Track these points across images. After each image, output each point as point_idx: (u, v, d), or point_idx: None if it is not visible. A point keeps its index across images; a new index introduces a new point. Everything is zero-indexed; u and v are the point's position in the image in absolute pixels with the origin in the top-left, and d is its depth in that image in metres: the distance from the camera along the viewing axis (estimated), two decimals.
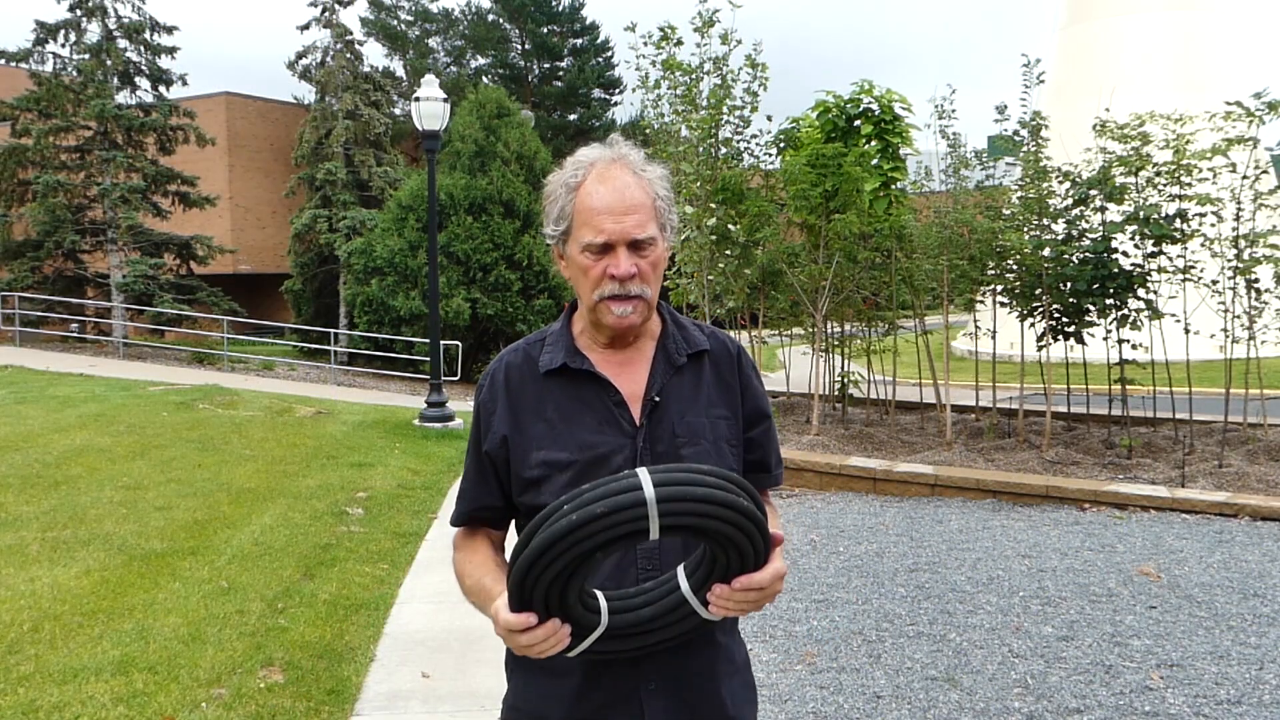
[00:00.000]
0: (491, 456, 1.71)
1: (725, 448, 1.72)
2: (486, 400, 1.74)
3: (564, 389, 1.69)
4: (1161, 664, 4.38)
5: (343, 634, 4.80)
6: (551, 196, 1.68)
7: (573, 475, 1.65)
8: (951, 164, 9.61)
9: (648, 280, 1.64)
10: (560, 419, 1.68)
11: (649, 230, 1.62)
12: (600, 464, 1.65)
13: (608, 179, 1.62)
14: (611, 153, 1.66)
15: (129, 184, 22.40)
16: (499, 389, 1.73)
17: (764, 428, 1.79)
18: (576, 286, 1.69)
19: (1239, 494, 7.25)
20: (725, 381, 1.76)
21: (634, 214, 1.61)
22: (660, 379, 1.70)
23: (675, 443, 1.68)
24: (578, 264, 1.65)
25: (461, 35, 43.41)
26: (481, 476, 1.75)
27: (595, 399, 1.68)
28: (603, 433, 1.66)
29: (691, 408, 1.71)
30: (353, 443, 10.48)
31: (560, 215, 1.66)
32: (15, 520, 6.74)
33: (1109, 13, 21.77)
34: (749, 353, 1.83)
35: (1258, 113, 8.09)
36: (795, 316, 10.90)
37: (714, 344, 1.77)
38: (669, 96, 10.27)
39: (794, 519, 7.32)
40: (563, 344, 1.72)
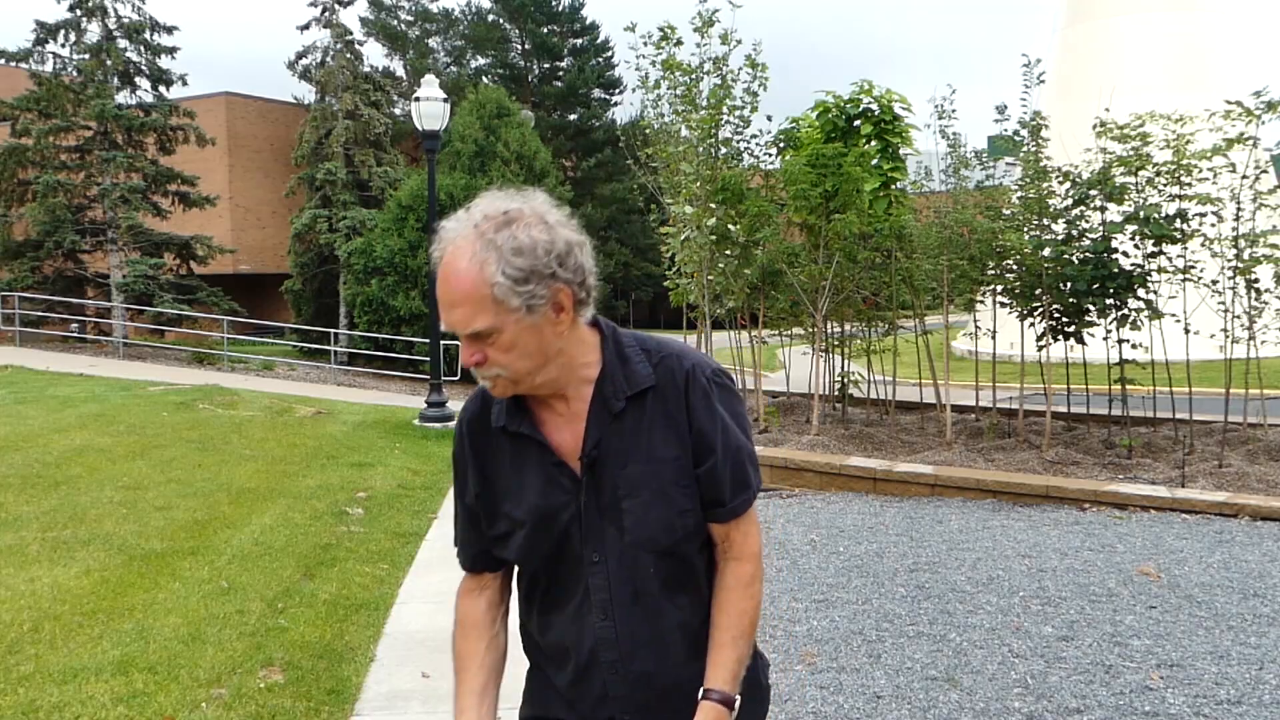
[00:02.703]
0: (474, 509, 1.74)
1: (674, 491, 1.63)
2: (458, 454, 1.75)
3: (512, 445, 1.69)
4: (1161, 664, 4.38)
5: (343, 634, 4.80)
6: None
7: (525, 534, 1.67)
8: (951, 164, 9.61)
9: (499, 362, 1.56)
10: (514, 474, 1.69)
11: (477, 324, 1.51)
12: (547, 523, 1.66)
13: (443, 268, 1.52)
14: (457, 231, 1.53)
15: (129, 184, 22.42)
16: (465, 444, 1.73)
17: (710, 464, 1.65)
18: None
19: (1239, 494, 7.25)
20: (672, 417, 1.64)
21: (459, 308, 1.52)
22: (597, 431, 1.63)
23: (616, 495, 1.63)
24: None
25: (461, 35, 43.43)
26: (472, 524, 1.76)
27: (536, 459, 1.67)
28: (547, 493, 1.66)
29: (633, 456, 1.62)
30: (353, 443, 10.48)
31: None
32: (15, 520, 6.74)
33: (1109, 13, 21.78)
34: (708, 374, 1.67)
35: (1257, 112, 8.09)
36: (795, 316, 10.90)
37: (661, 376, 1.64)
38: (669, 96, 10.28)
39: (794, 519, 7.32)
40: (508, 402, 1.68)
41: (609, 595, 1.65)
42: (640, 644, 1.68)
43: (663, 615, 1.68)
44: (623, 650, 1.67)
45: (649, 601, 1.67)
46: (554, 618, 1.73)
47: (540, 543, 1.67)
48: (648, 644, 1.68)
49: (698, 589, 1.71)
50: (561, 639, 1.72)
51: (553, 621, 1.73)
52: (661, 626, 1.68)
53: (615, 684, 1.68)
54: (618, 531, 1.64)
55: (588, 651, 1.69)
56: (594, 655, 1.68)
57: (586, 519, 1.64)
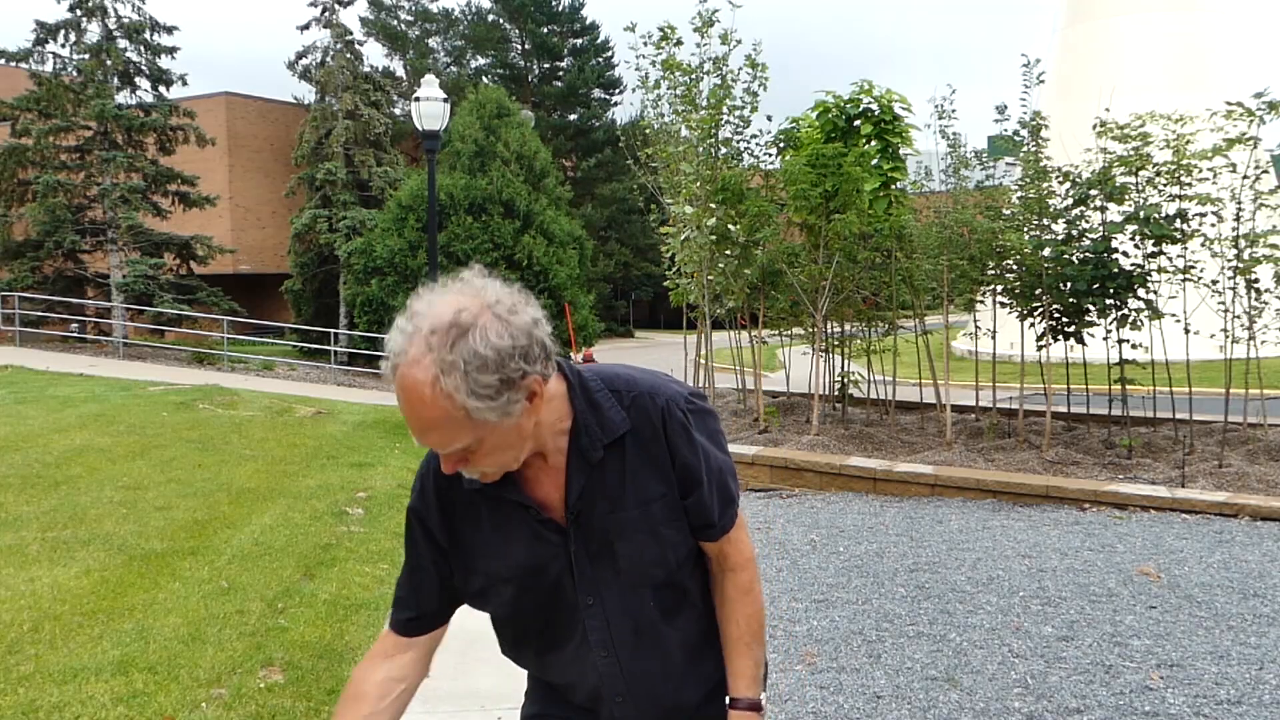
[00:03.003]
0: (430, 570, 1.68)
1: (664, 529, 1.63)
2: (419, 508, 1.67)
3: (488, 503, 1.63)
4: (1161, 664, 4.38)
5: (343, 634, 4.80)
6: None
7: (514, 589, 1.64)
8: (951, 164, 9.61)
9: (485, 464, 1.50)
10: (493, 530, 1.63)
11: (458, 444, 1.44)
12: (538, 575, 1.63)
13: (404, 392, 1.39)
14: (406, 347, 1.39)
15: (129, 184, 22.41)
16: (431, 500, 1.65)
17: (697, 495, 1.64)
18: None
19: (1239, 494, 7.25)
20: (653, 457, 1.61)
21: (433, 433, 1.43)
22: (578, 482, 1.59)
23: (607, 538, 1.61)
24: None
25: (461, 35, 43.43)
26: (422, 587, 1.69)
27: (520, 518, 1.62)
28: (534, 547, 1.62)
29: (619, 502, 1.60)
30: (353, 443, 10.48)
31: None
32: (15, 520, 6.74)
33: (1109, 13, 21.79)
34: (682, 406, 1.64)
35: (1258, 112, 8.09)
36: (795, 316, 10.90)
37: (636, 418, 1.60)
38: (669, 96, 10.29)
39: (794, 519, 7.32)
40: None
41: (608, 635, 1.65)
42: (646, 675, 1.69)
43: (664, 641, 1.69)
44: (629, 683, 1.69)
45: (650, 632, 1.67)
46: (551, 658, 1.72)
47: (532, 597, 1.65)
48: (654, 673, 1.70)
49: (693, 604, 1.73)
50: (563, 677, 1.74)
51: (550, 662, 1.73)
52: (664, 651, 1.69)
53: (624, 710, 1.71)
54: (613, 573, 1.63)
55: (592, 687, 1.70)
56: (598, 691, 1.70)
57: (578, 567, 1.62)
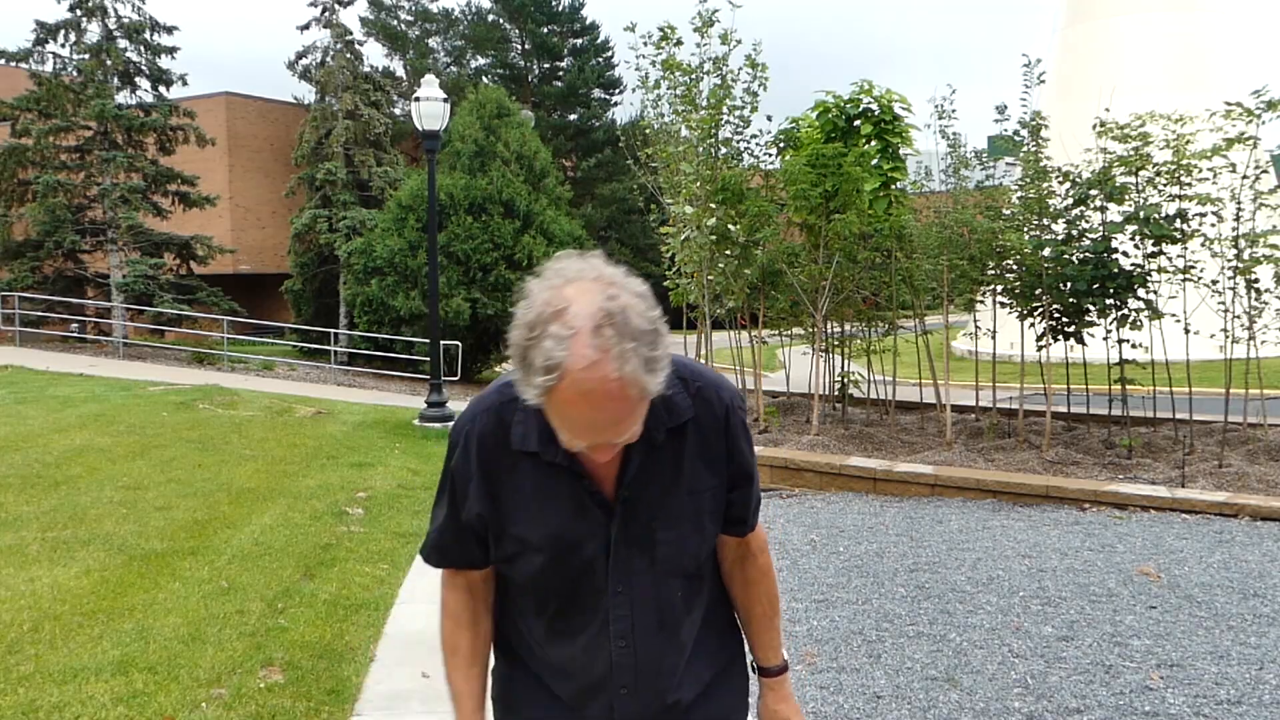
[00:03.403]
0: (472, 526, 1.65)
1: (707, 520, 1.65)
2: (460, 468, 1.63)
3: (537, 468, 1.58)
4: (1161, 664, 4.38)
5: (343, 634, 4.80)
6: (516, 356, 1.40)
7: (545, 560, 1.60)
8: (951, 164, 9.61)
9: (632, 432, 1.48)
10: (534, 496, 1.59)
11: (634, 428, 1.44)
12: (573, 550, 1.59)
13: (588, 398, 1.35)
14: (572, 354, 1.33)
15: (129, 184, 22.41)
16: (472, 460, 1.61)
17: (744, 490, 1.70)
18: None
19: (1239, 494, 7.25)
20: (711, 449, 1.63)
21: (620, 425, 1.41)
22: (637, 461, 1.57)
23: (651, 526, 1.60)
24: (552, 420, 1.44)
25: (461, 35, 43.42)
26: (459, 539, 1.67)
27: (569, 488, 1.58)
28: (575, 521, 1.58)
29: (672, 488, 1.60)
30: (353, 443, 10.47)
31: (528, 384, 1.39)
32: (15, 520, 6.74)
33: (1109, 13, 21.78)
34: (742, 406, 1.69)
35: (1257, 112, 8.09)
36: (795, 316, 10.91)
37: (700, 408, 1.61)
38: (669, 96, 10.28)
39: (794, 519, 7.32)
40: (534, 422, 1.54)
41: (631, 624, 1.63)
42: (658, 667, 1.67)
43: (681, 633, 1.69)
44: (641, 675, 1.65)
45: (671, 624, 1.66)
46: (563, 640, 1.67)
47: (561, 570, 1.61)
48: (665, 666, 1.68)
49: (703, 597, 1.73)
50: (567, 660, 1.68)
51: (561, 643, 1.68)
52: (679, 644, 1.69)
53: (625, 704, 1.66)
54: (648, 562, 1.61)
55: (599, 676, 1.66)
56: (605, 680, 1.65)
57: (615, 551, 1.59)
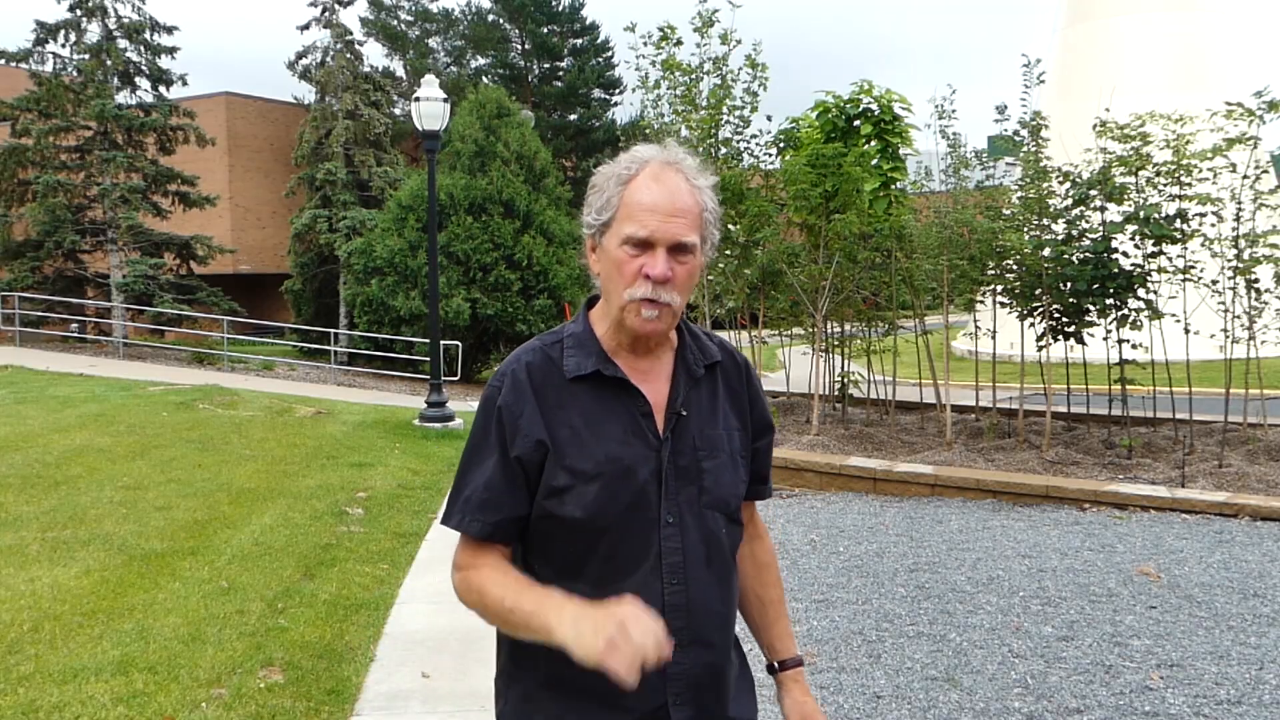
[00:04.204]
0: (523, 462, 1.61)
1: (739, 460, 1.73)
2: (510, 401, 1.63)
3: (591, 395, 1.64)
4: (1161, 664, 4.38)
5: (343, 634, 4.80)
6: (597, 186, 1.64)
7: (599, 488, 1.59)
8: (951, 164, 9.61)
9: (679, 288, 1.61)
10: (586, 426, 1.62)
11: (691, 236, 1.60)
12: (627, 476, 1.61)
13: (662, 179, 1.60)
14: (668, 155, 1.64)
15: (129, 184, 22.41)
16: (524, 389, 1.63)
17: (768, 440, 1.83)
18: (607, 283, 1.65)
19: (1239, 494, 7.25)
20: (735, 393, 1.77)
21: (681, 217, 1.59)
22: (682, 391, 1.68)
23: (697, 456, 1.66)
24: (613, 258, 1.61)
25: (461, 35, 43.42)
26: (511, 484, 1.62)
27: (623, 408, 1.64)
28: (629, 444, 1.62)
29: (710, 421, 1.71)
30: (353, 443, 10.47)
31: (605, 205, 1.62)
32: (15, 520, 6.74)
33: (1109, 13, 21.78)
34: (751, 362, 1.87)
35: (1258, 112, 8.09)
36: (795, 316, 10.91)
37: (724, 355, 1.79)
38: (669, 96, 10.28)
39: (794, 519, 7.32)
40: (590, 347, 1.66)
41: (683, 558, 1.62)
42: (710, 611, 1.65)
43: (731, 582, 1.71)
44: (694, 617, 1.62)
45: (721, 566, 1.68)
46: (613, 588, 1.57)
47: (617, 497, 1.60)
48: (717, 611, 1.66)
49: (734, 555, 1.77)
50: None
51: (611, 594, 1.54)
52: (729, 593, 1.70)
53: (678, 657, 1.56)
54: (696, 491, 1.65)
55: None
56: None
57: (668, 479, 1.63)
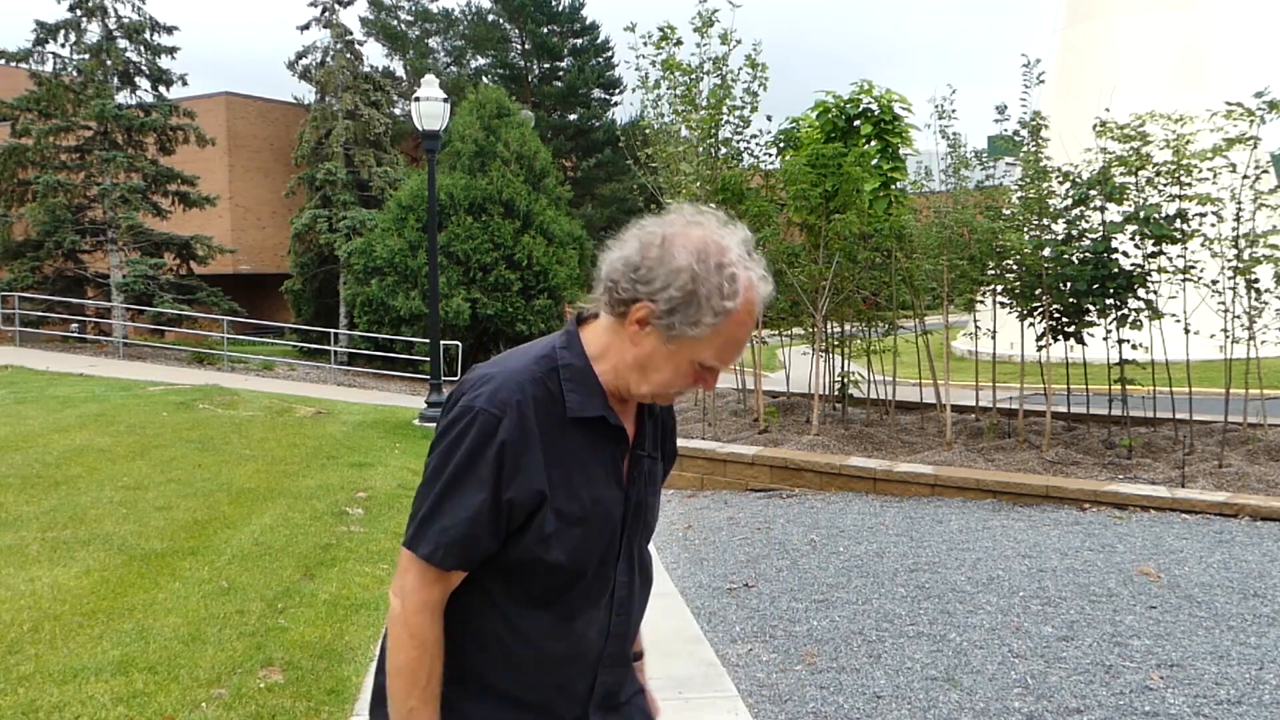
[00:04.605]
0: (514, 505, 1.53)
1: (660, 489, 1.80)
2: (515, 439, 1.52)
3: (585, 437, 1.59)
4: (1161, 664, 4.38)
5: (343, 634, 4.80)
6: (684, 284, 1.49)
7: (583, 532, 1.58)
8: (951, 164, 9.61)
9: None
10: (576, 469, 1.58)
11: None
12: (606, 519, 1.61)
13: (753, 314, 1.55)
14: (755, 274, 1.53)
15: (129, 184, 22.41)
16: (530, 429, 1.53)
17: (668, 468, 1.85)
18: (648, 364, 1.55)
19: (1239, 494, 7.25)
20: (664, 424, 1.79)
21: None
22: (646, 431, 1.70)
23: (645, 493, 1.69)
24: (675, 362, 1.54)
25: (461, 35, 43.42)
26: (495, 525, 1.55)
27: (606, 451, 1.62)
28: (609, 488, 1.62)
29: (652, 454, 1.73)
30: (353, 443, 10.47)
31: (693, 321, 1.50)
32: (15, 520, 6.74)
33: (1109, 13, 21.78)
34: None
35: (1258, 112, 8.09)
36: (795, 316, 10.91)
37: None
38: (669, 96, 10.29)
39: (794, 519, 7.32)
40: (591, 386, 1.59)
41: (628, 591, 1.69)
42: (634, 631, 1.76)
43: (645, 601, 1.79)
44: (626, 641, 1.72)
45: (645, 589, 1.77)
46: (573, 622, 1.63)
47: (597, 540, 1.60)
48: (639, 630, 1.79)
49: None
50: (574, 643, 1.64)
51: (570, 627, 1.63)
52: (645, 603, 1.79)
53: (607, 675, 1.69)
54: (642, 525, 1.71)
55: (597, 651, 1.66)
56: (599, 653, 1.66)
57: (631, 515, 1.66)
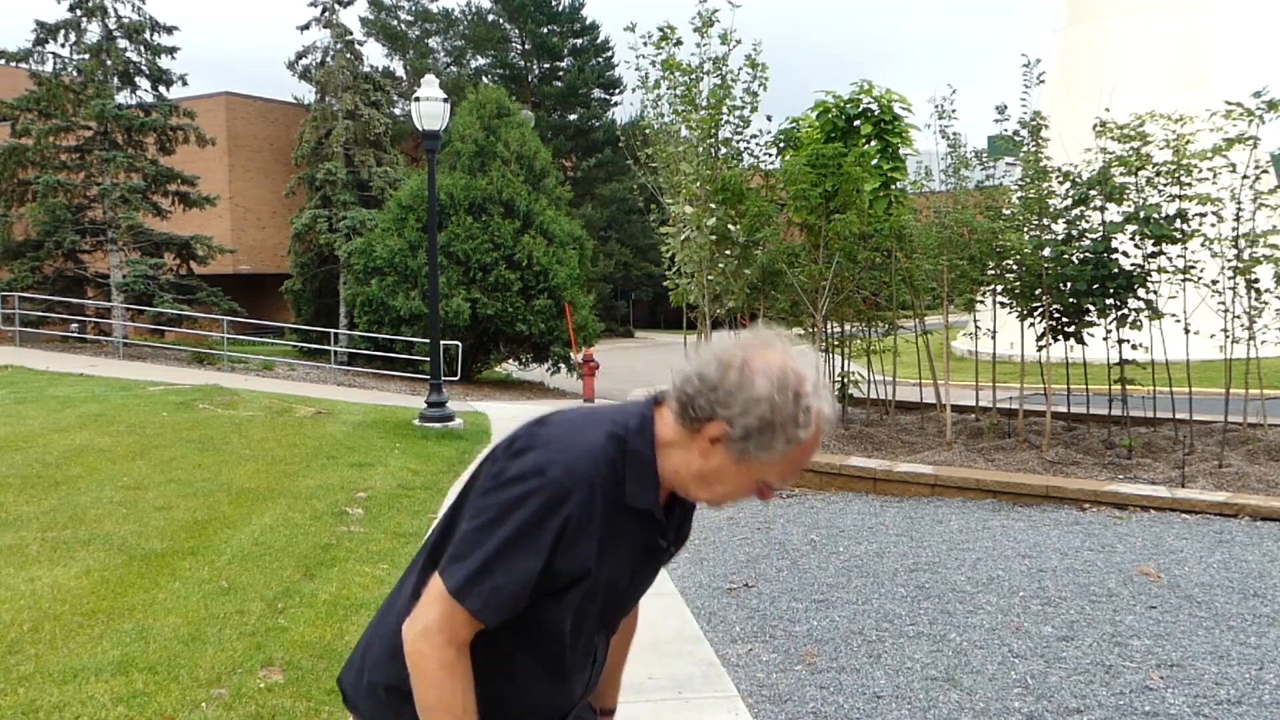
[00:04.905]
0: (559, 574, 1.57)
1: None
2: (581, 518, 1.56)
3: (629, 520, 1.63)
4: (1161, 664, 4.38)
5: (343, 634, 4.80)
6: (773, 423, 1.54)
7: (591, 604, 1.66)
8: (951, 164, 9.61)
9: None
10: (613, 550, 1.63)
11: None
12: (610, 593, 1.69)
13: (820, 441, 1.61)
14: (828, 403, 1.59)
15: (129, 184, 22.41)
16: (596, 512, 1.57)
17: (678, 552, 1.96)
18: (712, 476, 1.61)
19: (1239, 494, 7.25)
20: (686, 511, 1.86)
21: None
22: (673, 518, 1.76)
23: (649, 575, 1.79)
24: (739, 480, 1.61)
25: (461, 35, 43.45)
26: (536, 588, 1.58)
27: (640, 537, 1.67)
28: (624, 569, 1.69)
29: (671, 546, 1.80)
30: (353, 443, 10.47)
31: (766, 446, 1.56)
32: (15, 520, 6.74)
33: (1109, 13, 21.80)
34: None
35: (1258, 112, 8.09)
36: (795, 316, 10.89)
37: None
38: (669, 96, 10.27)
39: (794, 519, 7.32)
40: (649, 479, 1.63)
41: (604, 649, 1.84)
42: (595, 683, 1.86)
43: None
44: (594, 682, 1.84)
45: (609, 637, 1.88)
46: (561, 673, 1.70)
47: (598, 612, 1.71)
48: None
49: None
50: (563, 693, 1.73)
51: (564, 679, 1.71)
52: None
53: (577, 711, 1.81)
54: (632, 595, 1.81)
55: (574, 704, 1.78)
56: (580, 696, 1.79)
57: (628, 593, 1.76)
